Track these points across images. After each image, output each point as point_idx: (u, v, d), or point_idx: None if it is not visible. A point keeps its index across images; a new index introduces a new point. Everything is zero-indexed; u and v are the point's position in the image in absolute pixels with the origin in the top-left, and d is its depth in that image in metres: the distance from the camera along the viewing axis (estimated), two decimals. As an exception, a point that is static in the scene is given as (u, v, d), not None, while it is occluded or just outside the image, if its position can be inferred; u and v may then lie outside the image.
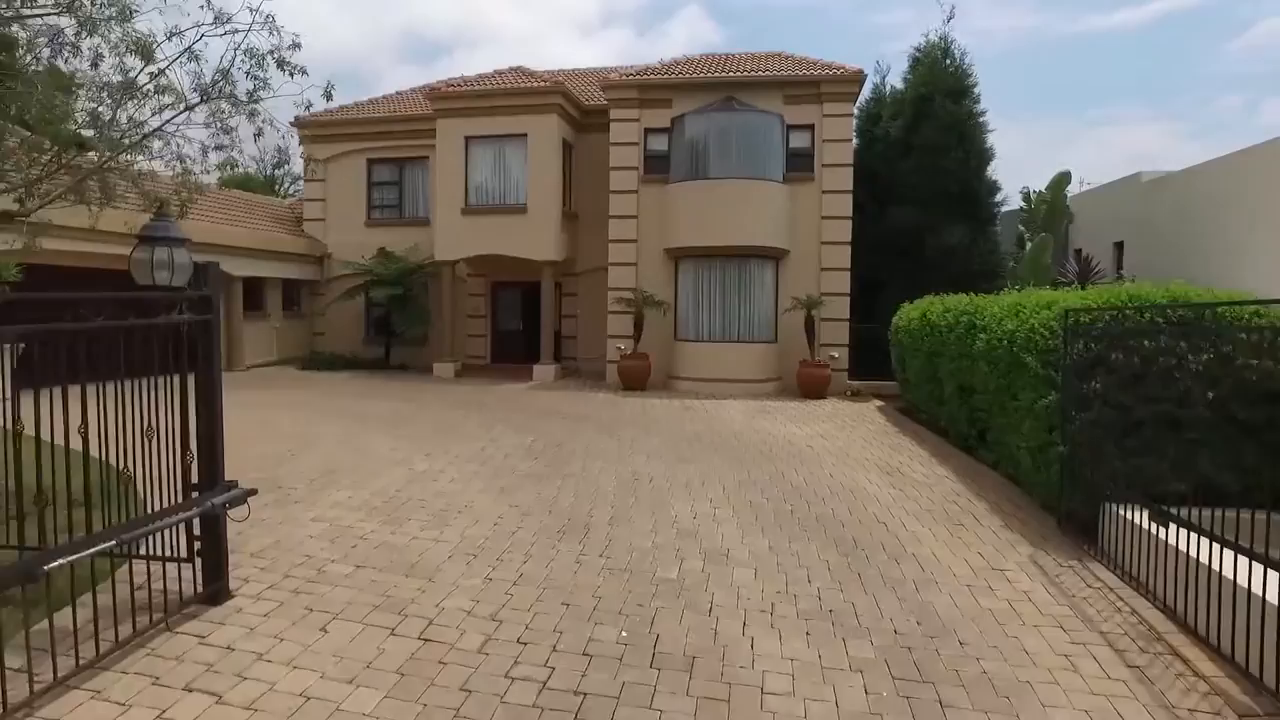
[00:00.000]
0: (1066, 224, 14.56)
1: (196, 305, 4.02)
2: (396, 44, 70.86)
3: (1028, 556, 5.64)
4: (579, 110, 17.71)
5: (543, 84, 16.63)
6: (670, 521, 6.31)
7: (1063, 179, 14.41)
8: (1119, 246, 17.66)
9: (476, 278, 19.02)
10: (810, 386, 14.86)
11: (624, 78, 16.19)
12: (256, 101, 5.21)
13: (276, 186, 35.39)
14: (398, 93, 20.92)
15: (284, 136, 5.65)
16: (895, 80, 18.14)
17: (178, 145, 5.50)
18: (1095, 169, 63.38)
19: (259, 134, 5.64)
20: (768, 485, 7.58)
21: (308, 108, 5.59)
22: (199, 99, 5.01)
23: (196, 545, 4.20)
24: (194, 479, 4.21)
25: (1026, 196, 14.93)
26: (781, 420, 11.81)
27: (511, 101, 16.62)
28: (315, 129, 19.71)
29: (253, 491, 4.30)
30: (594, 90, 18.78)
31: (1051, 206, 14.38)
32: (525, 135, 16.65)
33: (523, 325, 19.15)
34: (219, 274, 4.08)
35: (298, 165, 20.78)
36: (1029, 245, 14.86)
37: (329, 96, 5.62)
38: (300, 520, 5.95)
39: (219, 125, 5.29)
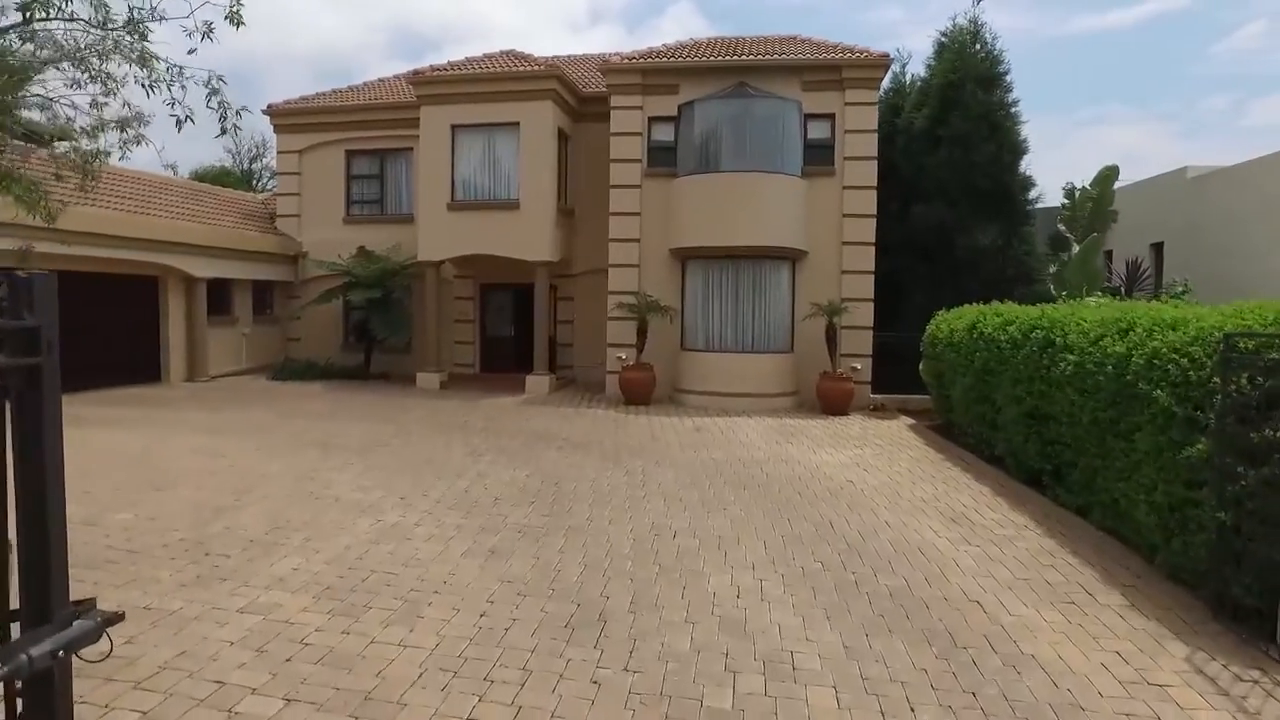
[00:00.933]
0: (1111, 224, 13.30)
1: (13, 343, 2.57)
2: (385, 40, 69.26)
3: (1185, 660, 4.28)
4: (576, 98, 16.28)
5: (537, 68, 15.18)
6: (708, 603, 4.92)
7: (1109, 174, 13.14)
8: (1158, 248, 16.42)
9: (464, 279, 17.57)
10: (832, 402, 13.50)
11: (626, 61, 14.78)
12: (144, 35, 3.74)
13: (255, 181, 33.75)
14: (379, 79, 19.42)
15: (180, 83, 4.21)
16: (916, 68, 16.77)
17: (66, 116, 4.04)
18: (1083, 169, 62.81)
19: (151, 83, 4.18)
20: (817, 542, 6.20)
21: (206, 34, 4.16)
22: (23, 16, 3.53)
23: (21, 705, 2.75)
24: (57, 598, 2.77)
25: (1070, 193, 13.64)
26: (808, 444, 10.44)
27: (502, 87, 15.17)
28: (289, 117, 18.21)
29: (115, 618, 2.85)
30: (592, 77, 17.36)
31: (1097, 205, 13.10)
32: (517, 124, 15.20)
33: (514, 331, 17.71)
34: (51, 290, 2.63)
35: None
36: (1075, 247, 13.54)
37: (236, 21, 4.17)
38: (224, 612, 4.50)
39: (77, 62, 3.83)
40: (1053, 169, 63.96)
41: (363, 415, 11.87)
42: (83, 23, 3.73)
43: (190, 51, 4.30)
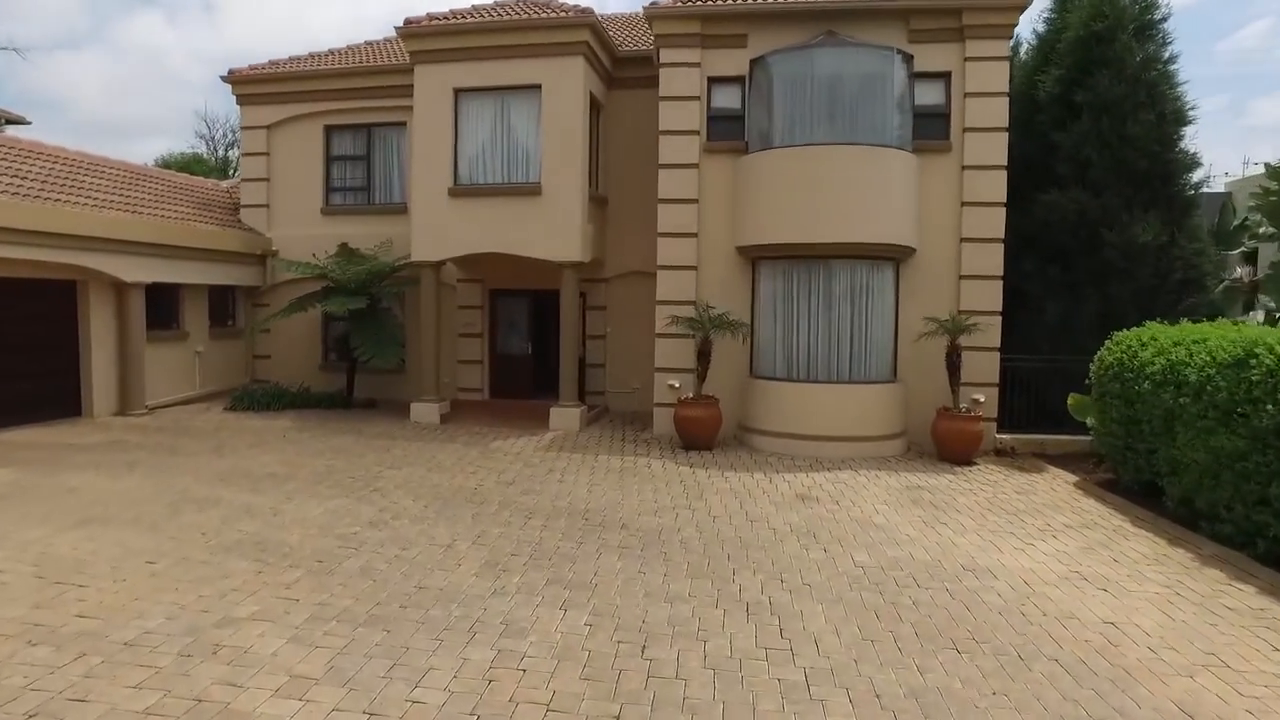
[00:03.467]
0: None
1: None
2: (379, 34, 65.98)
3: None
4: (610, 57, 13.01)
5: (564, 14, 11.90)
6: None
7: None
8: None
9: (469, 284, 14.28)
10: (955, 447, 10.25)
11: (680, 5, 11.47)
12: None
13: (232, 171, 30.36)
14: (367, 42, 16.10)
15: None
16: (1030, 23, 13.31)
17: None
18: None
19: None
20: None
21: None
22: None
23: None
24: None
25: (1277, 173, 10.36)
26: (972, 526, 7.19)
27: (520, 39, 11.88)
28: (254, 85, 14.93)
29: None
30: (626, 36, 14.15)
31: (1319, 187, 9.85)
32: (539, 87, 11.92)
33: (531, 347, 14.42)
34: None
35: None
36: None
37: None
38: None
39: None
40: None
41: (333, 477, 8.58)
42: None
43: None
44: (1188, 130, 11.70)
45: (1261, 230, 10.52)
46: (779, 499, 8.14)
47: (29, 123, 22.56)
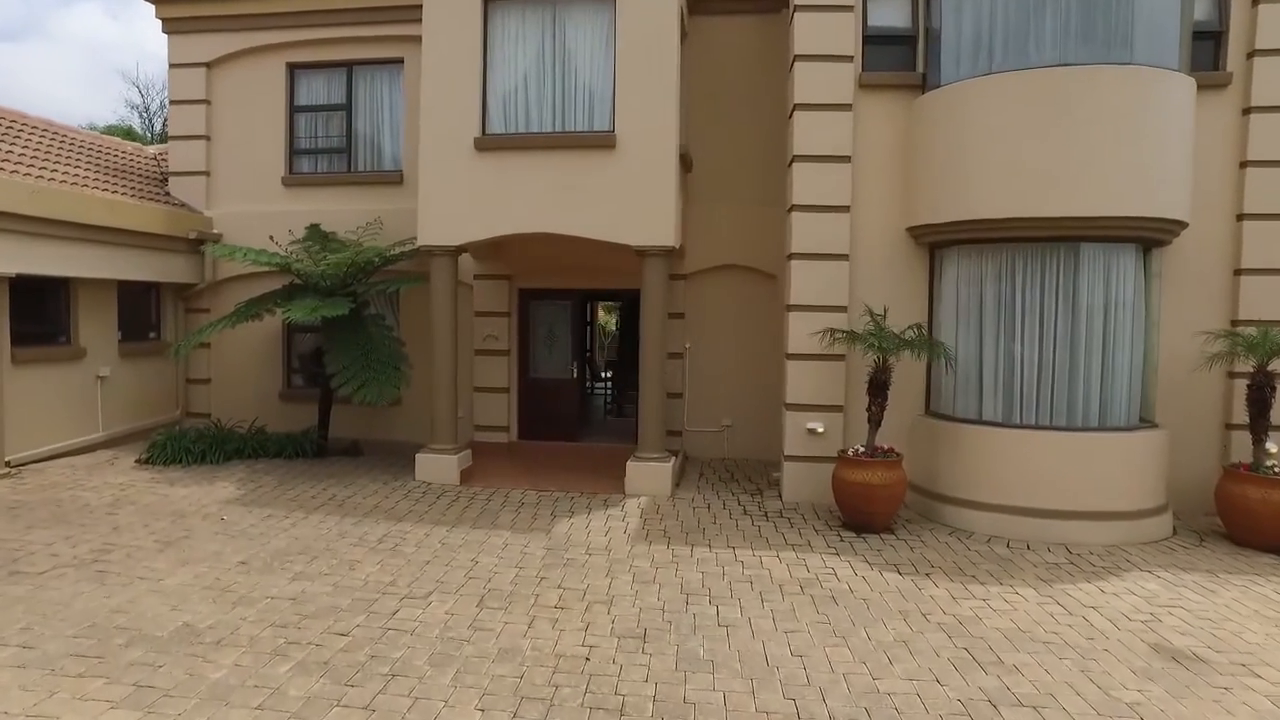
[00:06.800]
0: None
1: None
2: None
3: None
4: (698, -34, 9.32)
5: (650, -116, 8.12)
6: None
7: None
8: None
9: (491, 281, 10.37)
10: (1265, 527, 6.68)
11: None
12: None
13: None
14: (346, -39, 12.10)
15: None
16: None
17: None
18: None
19: None
20: None
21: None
22: None
23: None
24: None
25: None
26: None
27: (583, -79, 8.08)
28: (188, 4, 10.83)
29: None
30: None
31: None
32: (611, -5, 8.12)
33: (577, 370, 10.52)
34: None
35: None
36: None
37: None
38: None
39: None
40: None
41: (306, 631, 4.63)
42: None
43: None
44: None
45: None
46: (1133, 660, 4.42)
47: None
